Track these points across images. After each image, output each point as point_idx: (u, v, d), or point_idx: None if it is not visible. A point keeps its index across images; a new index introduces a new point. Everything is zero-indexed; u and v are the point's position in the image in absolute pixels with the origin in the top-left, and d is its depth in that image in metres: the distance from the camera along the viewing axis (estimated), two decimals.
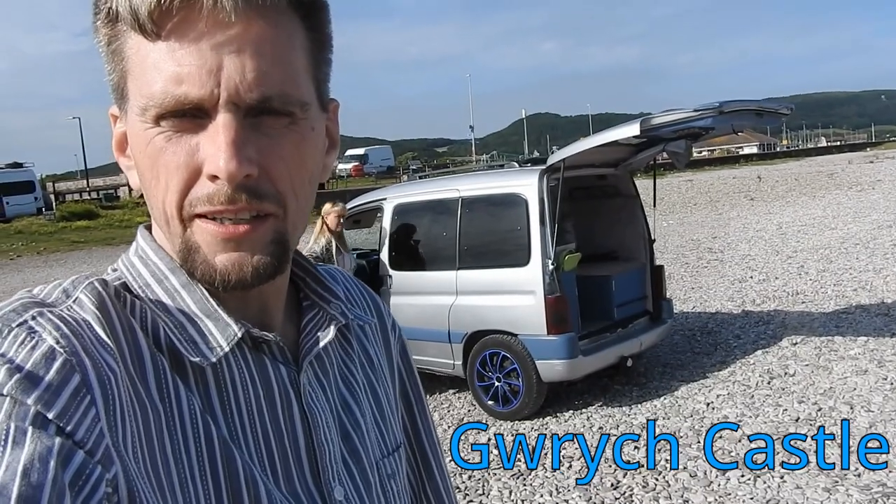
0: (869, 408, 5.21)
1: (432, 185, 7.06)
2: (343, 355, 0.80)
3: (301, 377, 0.71)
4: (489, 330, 5.97)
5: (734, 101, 5.35)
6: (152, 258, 0.69)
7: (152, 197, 0.63)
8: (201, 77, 0.59)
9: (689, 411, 5.60)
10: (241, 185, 0.60)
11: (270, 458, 0.67)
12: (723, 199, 25.75)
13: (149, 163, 0.62)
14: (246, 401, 0.67)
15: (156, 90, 0.59)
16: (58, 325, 0.58)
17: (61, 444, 0.52)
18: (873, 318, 7.68)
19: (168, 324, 0.65)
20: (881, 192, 22.72)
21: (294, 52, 0.63)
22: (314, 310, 0.77)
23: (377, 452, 0.78)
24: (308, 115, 0.64)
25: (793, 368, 6.31)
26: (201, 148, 0.60)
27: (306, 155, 0.65)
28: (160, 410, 0.61)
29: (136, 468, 0.57)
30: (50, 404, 0.53)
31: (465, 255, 6.22)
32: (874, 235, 13.57)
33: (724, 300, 9.41)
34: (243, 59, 0.59)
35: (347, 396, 0.77)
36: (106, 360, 0.58)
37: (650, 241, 6.99)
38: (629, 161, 6.68)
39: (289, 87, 0.61)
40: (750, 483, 4.29)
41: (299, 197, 0.65)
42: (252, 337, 0.68)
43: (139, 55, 0.61)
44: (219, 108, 0.59)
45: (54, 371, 0.54)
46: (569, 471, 4.77)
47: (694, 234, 16.49)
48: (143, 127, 0.61)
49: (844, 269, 10.58)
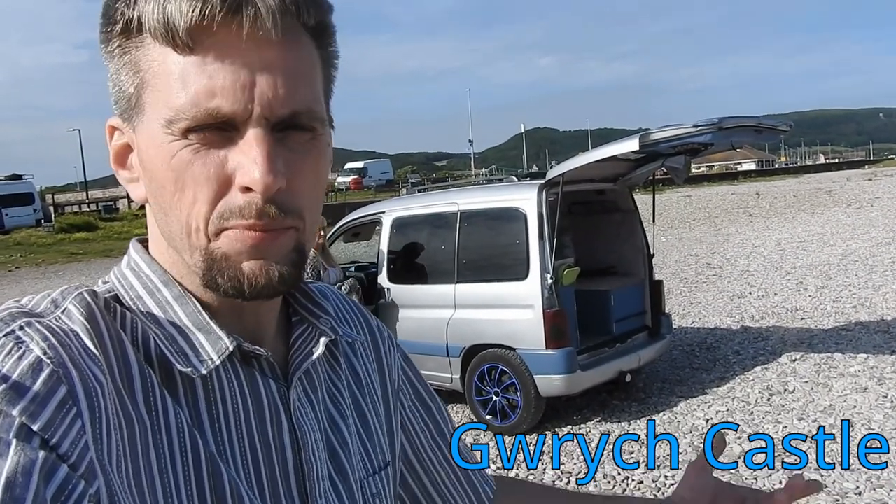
0: (869, 425, 5.19)
1: (431, 198, 7.06)
2: (330, 372, 0.79)
3: (290, 393, 0.71)
4: (487, 344, 5.95)
5: (733, 117, 5.37)
6: (145, 270, 0.69)
7: (175, 209, 0.63)
8: (235, 92, 0.59)
9: (687, 427, 5.57)
10: (272, 197, 0.61)
11: (257, 473, 0.67)
12: (721, 215, 25.80)
13: (173, 175, 0.62)
14: (235, 415, 0.67)
15: (185, 102, 0.59)
16: (45, 335, 0.57)
17: (45, 458, 0.51)
18: (873, 336, 7.66)
19: (159, 335, 0.65)
20: (880, 209, 22.78)
21: (314, 70, 0.65)
22: (303, 325, 0.76)
23: (362, 471, 0.78)
24: (325, 131, 0.66)
25: (792, 385, 6.28)
26: (231, 160, 0.61)
27: (321, 170, 0.67)
28: (147, 423, 0.61)
29: (120, 482, 0.56)
30: (35, 416, 0.52)
31: (463, 268, 6.21)
32: (873, 252, 13.57)
33: (722, 316, 9.40)
34: (275, 76, 0.60)
35: (334, 413, 0.77)
36: (93, 372, 0.58)
37: (649, 256, 6.98)
38: (628, 176, 6.68)
39: (314, 103, 0.64)
40: None
41: (313, 211, 0.67)
42: (243, 351, 0.68)
43: (164, 67, 0.61)
44: (251, 122, 0.60)
45: (41, 382, 0.54)
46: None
47: (693, 250, 16.50)
48: (167, 139, 0.61)
49: (843, 286, 10.58)
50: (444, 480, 0.91)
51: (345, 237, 7.79)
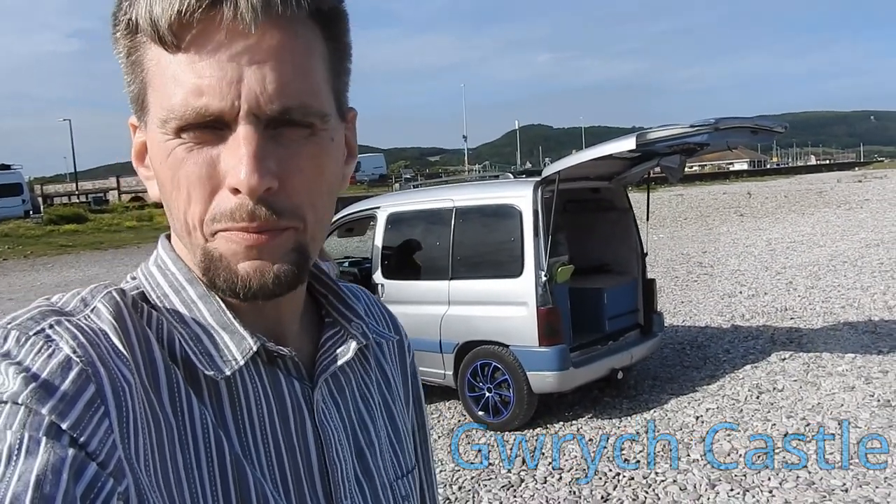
0: (856, 424, 5.25)
1: (426, 194, 7.08)
2: (362, 373, 0.80)
3: (315, 393, 0.71)
4: (481, 340, 5.98)
5: (729, 118, 5.40)
6: (171, 268, 0.69)
7: (174, 208, 0.63)
8: (221, 89, 0.58)
9: (678, 424, 5.62)
10: (262, 198, 0.60)
11: (282, 474, 0.67)
12: (713, 214, 25.89)
13: (169, 174, 0.62)
14: (259, 416, 0.67)
15: (176, 102, 0.59)
16: (75, 334, 0.58)
17: (74, 456, 0.52)
18: (860, 336, 7.74)
19: (184, 335, 0.65)
20: (869, 211, 22.92)
21: (314, 62, 0.62)
22: (335, 328, 0.76)
23: (391, 473, 0.78)
24: (328, 125, 0.64)
25: (781, 383, 6.35)
26: (222, 160, 0.60)
27: (325, 166, 0.65)
28: (173, 424, 0.61)
29: (148, 481, 0.57)
30: (64, 415, 0.53)
31: (457, 265, 6.24)
32: (862, 254, 13.68)
33: (713, 314, 9.46)
34: (263, 71, 0.59)
35: (364, 415, 0.77)
36: (121, 371, 0.58)
37: (642, 255, 7.03)
38: (623, 175, 6.72)
39: (309, 98, 0.61)
40: (739, 497, 4.31)
41: (318, 209, 0.65)
42: (267, 351, 0.68)
43: (159, 67, 0.61)
44: (239, 119, 0.59)
45: (70, 381, 0.55)
46: (559, 482, 4.77)
47: (684, 249, 16.58)
48: (163, 138, 0.61)
49: (832, 287, 10.66)
50: None
51: (339, 232, 7.78)
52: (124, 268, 20.23)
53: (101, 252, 25.19)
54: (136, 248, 26.69)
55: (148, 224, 32.62)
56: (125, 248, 26.67)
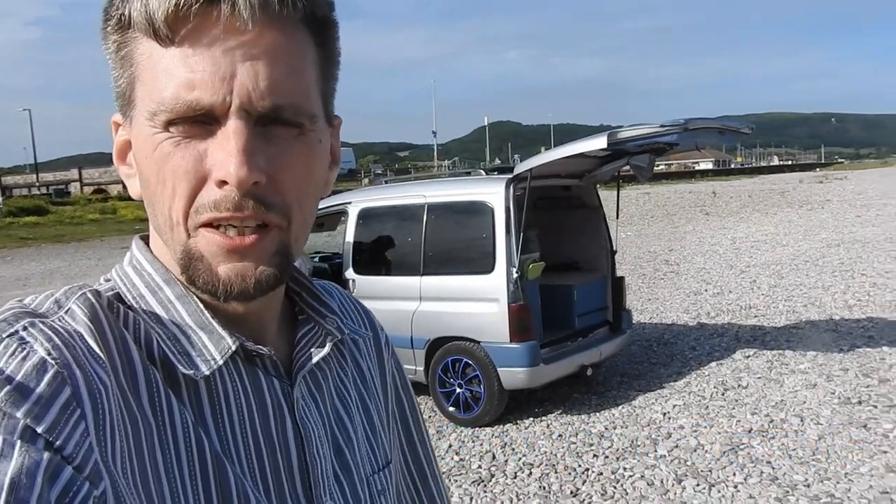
0: (818, 420, 5.38)
1: (398, 190, 7.06)
2: (338, 369, 0.80)
3: (294, 391, 0.71)
4: (452, 336, 6.00)
5: (698, 118, 5.49)
6: (147, 269, 0.69)
7: (158, 203, 0.63)
8: (214, 84, 0.59)
9: (646, 420, 5.70)
10: (250, 192, 0.60)
11: (262, 472, 0.67)
12: (679, 213, 26.27)
13: (155, 168, 0.61)
14: (239, 414, 0.67)
15: (167, 95, 0.59)
16: (49, 336, 0.57)
17: (49, 459, 0.51)
18: (822, 334, 7.92)
19: (161, 335, 0.65)
20: (830, 211, 23.44)
21: (306, 64, 0.63)
22: (309, 324, 0.76)
23: (368, 468, 0.78)
24: (316, 127, 0.64)
25: (746, 381, 6.46)
26: (210, 154, 0.60)
27: (313, 167, 0.65)
28: (152, 424, 0.61)
29: (126, 483, 0.56)
30: (39, 418, 0.52)
31: (429, 261, 6.24)
32: (823, 253, 13.98)
33: (679, 312, 9.60)
34: (257, 68, 0.59)
35: (341, 411, 0.77)
36: (97, 373, 0.57)
37: (612, 253, 7.10)
38: (594, 173, 6.78)
39: (300, 98, 0.62)
40: (705, 492, 4.39)
41: (304, 209, 0.65)
42: (246, 350, 0.68)
43: (150, 60, 0.61)
44: (230, 114, 0.59)
45: (45, 383, 0.54)
46: (529, 478, 4.81)
47: (651, 247, 16.79)
48: (151, 132, 0.61)
49: (795, 286, 10.89)
50: (412, 496, 0.90)
51: None
52: (87, 261, 19.88)
53: (63, 245, 24.72)
54: (100, 241, 26.24)
55: (111, 217, 32.09)
56: (88, 241, 26.20)
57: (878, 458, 4.64)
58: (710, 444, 5.11)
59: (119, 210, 33.17)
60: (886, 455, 4.68)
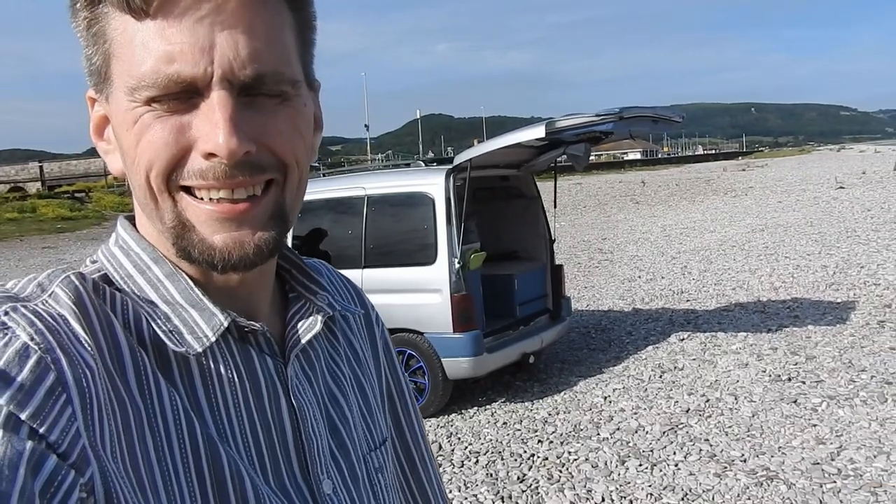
0: (751, 398, 5.59)
1: (336, 182, 6.99)
2: (329, 348, 0.79)
3: (288, 369, 0.70)
4: (395, 328, 5.97)
5: (632, 107, 5.60)
6: (134, 248, 0.67)
7: (136, 174, 0.61)
8: (194, 55, 0.57)
9: (587, 405, 5.82)
10: (241, 161, 0.58)
11: (258, 451, 0.66)
12: (610, 203, 26.85)
13: (134, 140, 0.60)
14: (232, 393, 0.65)
15: (146, 70, 0.57)
16: (32, 320, 0.56)
17: (33, 449, 0.50)
18: (751, 315, 8.23)
19: (151, 315, 0.63)
20: (753, 198, 24.35)
21: (283, 31, 0.62)
22: (300, 301, 0.75)
23: (364, 446, 0.78)
24: (300, 92, 0.63)
25: (681, 363, 6.66)
26: (194, 126, 0.59)
27: (303, 129, 0.64)
28: (141, 407, 0.59)
29: (115, 468, 0.55)
30: (23, 404, 0.51)
31: (370, 253, 6.20)
32: (748, 238, 14.52)
33: (615, 299, 9.82)
34: (236, 37, 0.58)
35: (335, 389, 0.76)
36: (83, 357, 0.56)
37: (550, 241, 7.20)
38: (532, 163, 6.86)
39: (281, 65, 0.61)
40: (647, 472, 4.51)
41: (301, 167, 0.64)
42: (238, 327, 0.66)
43: (125, 35, 0.59)
44: (212, 86, 0.58)
45: (28, 369, 0.53)
46: (476, 466, 4.85)
47: (585, 236, 17.11)
48: (130, 106, 0.59)
49: (724, 270, 11.27)
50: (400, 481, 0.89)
51: None
52: (5, 262, 19.02)
53: None
54: (19, 240, 25.13)
55: (31, 216, 30.75)
56: (6, 241, 25.06)
57: (808, 432, 4.86)
58: (650, 425, 5.25)
59: (39, 208, 31.80)
60: (816, 428, 4.90)
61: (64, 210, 31.92)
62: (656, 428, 5.18)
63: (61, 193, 37.32)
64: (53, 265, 0.73)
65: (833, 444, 4.62)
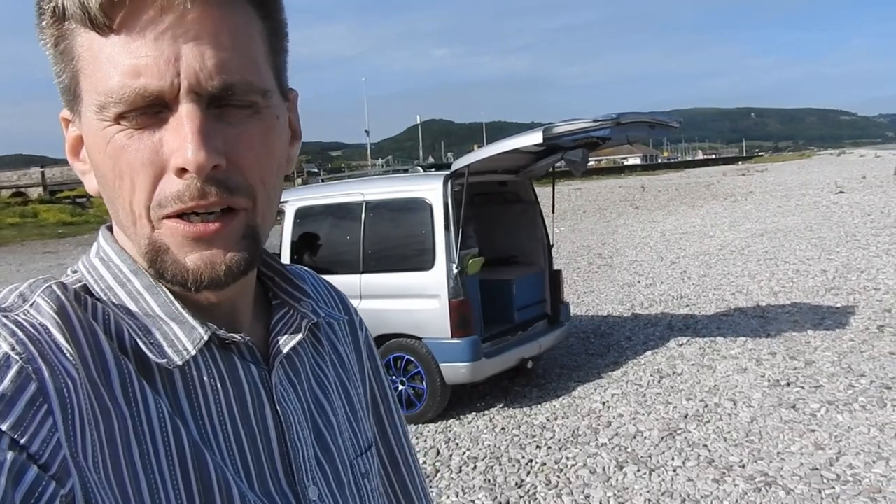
0: (750, 403, 5.57)
1: (335, 188, 6.99)
2: (314, 354, 0.79)
3: (272, 376, 0.70)
4: (393, 334, 5.97)
5: (630, 112, 5.60)
6: (114, 260, 0.67)
7: (117, 198, 0.61)
8: (160, 67, 0.57)
9: (586, 410, 5.80)
10: (211, 176, 0.58)
11: (243, 459, 0.66)
12: (610, 208, 26.85)
13: (110, 163, 0.60)
14: (216, 402, 0.65)
15: (112, 85, 0.57)
16: (13, 330, 0.56)
17: (14, 460, 0.50)
18: (750, 320, 8.21)
19: (132, 327, 0.63)
20: (753, 203, 24.33)
21: (252, 39, 0.61)
22: (284, 308, 0.75)
23: (350, 451, 0.78)
24: (271, 103, 0.63)
25: (680, 368, 6.65)
26: (165, 143, 0.58)
27: (273, 144, 0.64)
28: (126, 415, 0.59)
29: (97, 478, 0.55)
30: (4, 415, 0.51)
31: (369, 258, 6.20)
32: (748, 243, 14.50)
33: (614, 304, 9.81)
34: (202, 48, 0.57)
35: (320, 395, 0.76)
36: (65, 367, 0.56)
37: (549, 246, 7.20)
38: (530, 168, 6.86)
39: (250, 74, 0.60)
40: (645, 477, 4.49)
41: (268, 187, 0.63)
42: (219, 338, 0.66)
43: (91, 52, 0.59)
44: (180, 98, 0.57)
45: (9, 380, 0.52)
46: (474, 471, 4.83)
47: (584, 241, 17.10)
48: (101, 126, 0.59)
49: (723, 275, 11.26)
50: (384, 484, 0.89)
51: None
52: (6, 266, 19.02)
53: None
54: (20, 245, 25.15)
55: (32, 221, 30.79)
56: (7, 245, 25.08)
57: (807, 437, 4.84)
58: (648, 430, 5.24)
59: (40, 213, 31.84)
60: (815, 433, 4.89)
61: (65, 215, 31.97)
62: (655, 433, 5.17)
63: (63, 199, 37.35)
64: (54, 270, 0.73)
65: (832, 450, 4.61)
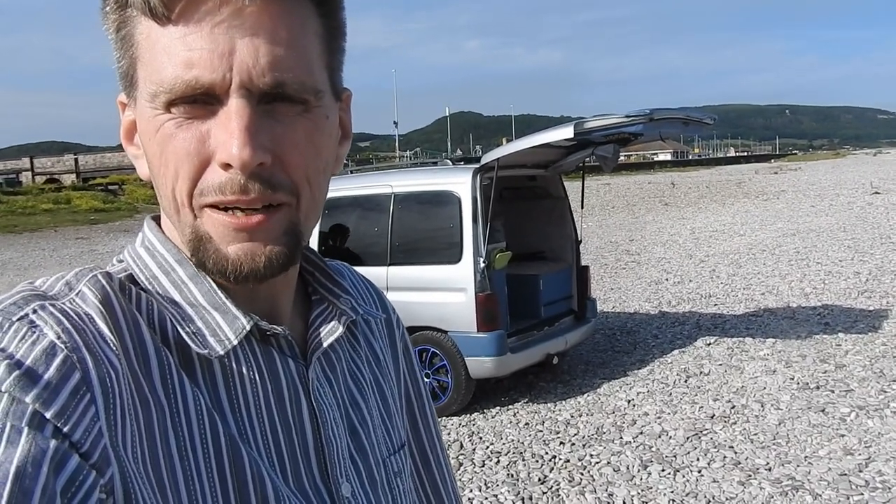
0: (778, 406, 5.50)
1: (363, 180, 7.02)
2: (351, 351, 0.79)
3: (309, 371, 0.70)
4: (419, 326, 5.98)
5: (663, 109, 5.55)
6: (159, 249, 0.68)
7: (162, 185, 0.62)
8: (213, 61, 0.57)
9: (610, 408, 5.77)
10: (255, 173, 0.58)
11: (278, 453, 0.66)
12: (639, 204, 26.62)
13: (158, 150, 0.61)
14: (254, 395, 0.66)
15: (166, 75, 0.58)
16: (59, 319, 0.57)
17: (56, 447, 0.50)
18: (780, 321, 8.10)
19: (175, 316, 0.64)
20: (785, 202, 23.96)
21: (308, 38, 0.61)
22: (323, 304, 0.76)
23: (384, 450, 0.78)
24: (322, 102, 0.63)
25: (707, 368, 6.59)
26: (212, 135, 0.59)
27: (321, 144, 0.64)
28: (165, 407, 0.60)
29: (136, 468, 0.56)
30: (48, 403, 0.52)
31: (396, 251, 6.22)
32: (779, 243, 14.30)
33: (641, 301, 9.73)
34: (256, 43, 0.58)
35: (355, 392, 0.77)
36: (108, 357, 0.57)
37: (577, 242, 7.16)
38: (559, 163, 6.82)
39: (303, 73, 0.60)
40: (670, 477, 4.46)
41: (313, 187, 0.63)
42: (261, 330, 0.67)
43: (149, 40, 0.59)
44: (231, 93, 0.58)
45: (54, 368, 0.53)
46: (497, 466, 4.84)
47: (612, 237, 16.98)
48: (153, 113, 0.60)
49: (753, 274, 11.11)
50: (415, 481, 0.89)
51: None
52: (41, 252, 19.38)
53: (16, 236, 24.08)
54: (54, 231, 25.62)
55: (65, 207, 31.32)
56: (41, 231, 25.57)
57: (836, 442, 4.77)
58: (673, 430, 5.20)
59: (73, 200, 32.37)
60: (844, 438, 4.81)
61: (97, 202, 32.47)
62: (680, 433, 5.12)
63: (95, 185, 37.97)
64: (86, 256, 0.74)
65: (861, 456, 4.53)
